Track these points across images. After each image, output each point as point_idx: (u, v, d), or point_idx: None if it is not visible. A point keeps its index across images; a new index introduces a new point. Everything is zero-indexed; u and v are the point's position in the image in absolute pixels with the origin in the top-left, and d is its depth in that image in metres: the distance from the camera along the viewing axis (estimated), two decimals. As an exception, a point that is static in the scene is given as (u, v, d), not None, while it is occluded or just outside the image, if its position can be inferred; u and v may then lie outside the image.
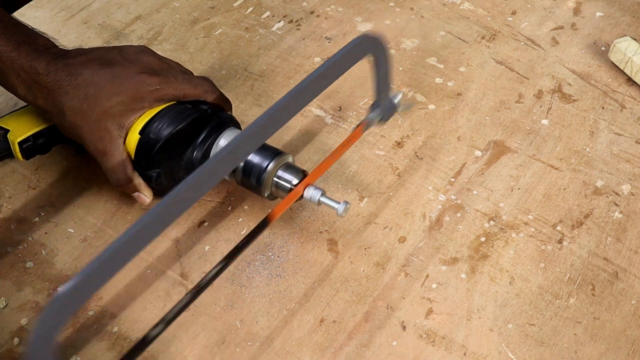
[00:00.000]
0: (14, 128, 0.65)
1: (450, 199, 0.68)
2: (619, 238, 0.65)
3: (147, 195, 0.64)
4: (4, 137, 0.65)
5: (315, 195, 0.60)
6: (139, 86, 0.61)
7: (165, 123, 0.61)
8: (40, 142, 0.66)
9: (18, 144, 0.64)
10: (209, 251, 0.64)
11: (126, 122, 0.61)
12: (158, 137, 0.61)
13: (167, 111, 0.62)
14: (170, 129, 0.61)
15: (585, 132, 0.74)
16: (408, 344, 0.59)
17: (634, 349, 0.58)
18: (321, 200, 0.60)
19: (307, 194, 0.60)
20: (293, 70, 0.80)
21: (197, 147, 0.62)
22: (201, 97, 0.64)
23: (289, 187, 0.61)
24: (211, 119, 0.63)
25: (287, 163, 0.62)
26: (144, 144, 0.61)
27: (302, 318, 0.60)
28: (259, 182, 0.61)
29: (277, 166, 0.61)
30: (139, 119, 0.62)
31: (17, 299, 0.61)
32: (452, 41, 0.83)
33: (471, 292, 0.62)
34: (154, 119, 0.61)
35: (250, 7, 0.87)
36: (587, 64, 0.80)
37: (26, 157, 0.65)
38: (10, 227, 0.66)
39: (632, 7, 0.86)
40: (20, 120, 0.66)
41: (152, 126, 0.61)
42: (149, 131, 0.61)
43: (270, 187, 0.61)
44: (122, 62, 0.62)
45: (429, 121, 0.75)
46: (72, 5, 0.87)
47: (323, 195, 0.60)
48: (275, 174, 0.61)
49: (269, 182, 0.61)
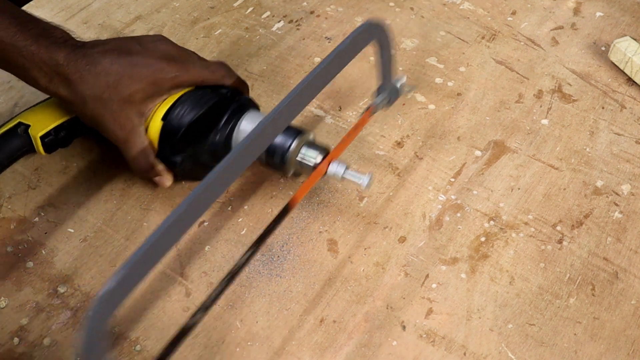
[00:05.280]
0: (34, 123, 0.65)
1: (450, 199, 0.68)
2: (619, 238, 0.65)
3: (168, 179, 0.65)
4: (25, 132, 0.65)
5: (340, 170, 0.61)
6: (158, 73, 0.61)
7: (187, 109, 0.62)
8: (61, 135, 0.66)
9: (40, 138, 0.65)
10: (209, 251, 0.64)
11: (146, 110, 0.62)
12: (181, 123, 0.62)
13: (187, 97, 0.63)
14: (192, 115, 0.62)
15: (585, 132, 0.74)
16: (408, 344, 0.59)
17: (634, 349, 0.58)
18: (345, 175, 0.61)
19: (331, 170, 0.62)
20: (293, 70, 0.80)
21: (220, 131, 0.63)
22: (219, 82, 0.64)
23: (313, 163, 0.62)
24: (231, 102, 0.64)
25: (309, 141, 0.63)
26: (167, 130, 0.62)
27: (302, 318, 0.60)
28: (283, 161, 0.62)
29: (300, 144, 0.62)
30: (160, 106, 0.62)
31: (17, 299, 0.61)
32: (452, 41, 0.83)
33: (471, 292, 0.62)
34: (175, 105, 0.62)
35: (250, 7, 0.87)
36: (587, 64, 0.80)
37: (48, 151, 0.66)
38: (10, 227, 0.66)
39: (632, 7, 0.86)
40: (40, 115, 0.66)
41: (174, 112, 0.62)
42: (171, 117, 0.62)
43: (295, 165, 0.63)
44: (141, 51, 0.62)
45: (429, 121, 0.75)
46: (72, 5, 0.87)
47: (347, 170, 0.61)
48: (298, 151, 0.62)
49: (293, 160, 0.62)
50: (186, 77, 0.62)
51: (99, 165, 0.71)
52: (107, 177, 0.69)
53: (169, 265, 0.63)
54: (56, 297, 0.61)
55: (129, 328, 0.59)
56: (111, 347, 0.41)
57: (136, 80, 0.61)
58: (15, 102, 0.76)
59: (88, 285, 0.62)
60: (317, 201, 0.67)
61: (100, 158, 0.71)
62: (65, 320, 0.59)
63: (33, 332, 0.59)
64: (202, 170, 0.66)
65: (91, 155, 0.71)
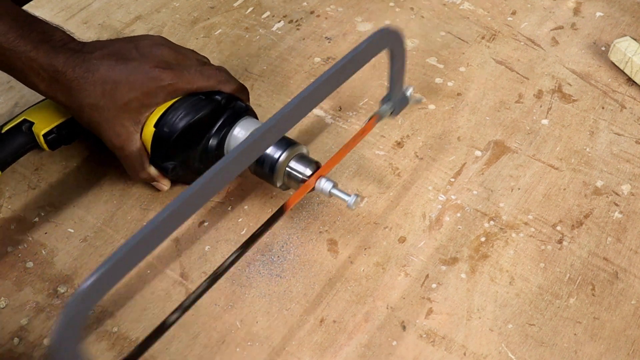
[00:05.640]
0: (38, 120, 0.66)
1: (450, 199, 0.68)
2: (619, 238, 0.65)
3: (164, 184, 0.67)
4: (29, 129, 0.66)
5: (327, 187, 0.61)
6: (153, 82, 0.61)
7: (179, 116, 0.62)
8: (64, 133, 0.67)
9: (43, 136, 0.66)
10: (209, 251, 0.64)
11: (141, 118, 0.63)
12: (172, 131, 0.62)
13: (180, 104, 0.63)
14: (183, 122, 0.62)
15: (585, 132, 0.74)
16: (408, 344, 0.59)
17: (634, 349, 0.58)
18: (332, 192, 0.60)
19: (318, 186, 0.61)
20: (293, 70, 0.80)
21: (212, 138, 0.63)
22: (215, 88, 0.64)
23: (301, 177, 0.61)
24: (225, 109, 0.64)
25: (300, 154, 0.63)
26: (159, 137, 0.62)
27: (302, 318, 0.60)
28: (272, 172, 0.62)
29: (290, 157, 0.62)
30: (154, 113, 0.63)
31: (17, 299, 0.61)
32: (452, 41, 0.83)
33: (471, 292, 0.62)
34: (167, 112, 0.62)
35: (250, 7, 0.87)
36: (587, 64, 0.80)
37: (51, 148, 0.67)
38: (10, 227, 0.66)
39: (632, 7, 0.86)
40: (44, 113, 0.67)
41: (166, 119, 0.62)
42: (162, 124, 0.62)
43: (283, 177, 0.62)
44: (137, 57, 0.62)
45: (429, 121, 0.75)
46: (72, 5, 0.87)
47: (334, 188, 0.60)
48: (287, 164, 0.62)
49: (282, 173, 0.62)
50: (181, 84, 0.62)
51: (98, 166, 0.71)
52: (107, 177, 0.70)
53: (169, 265, 0.63)
54: (56, 297, 0.61)
55: (129, 328, 0.59)
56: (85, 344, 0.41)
57: (132, 88, 0.61)
58: (16, 102, 0.76)
59: (88, 285, 0.62)
60: (317, 201, 0.67)
61: (100, 158, 0.71)
62: (65, 320, 0.59)
63: (33, 332, 0.59)
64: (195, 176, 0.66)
65: (91, 155, 0.71)
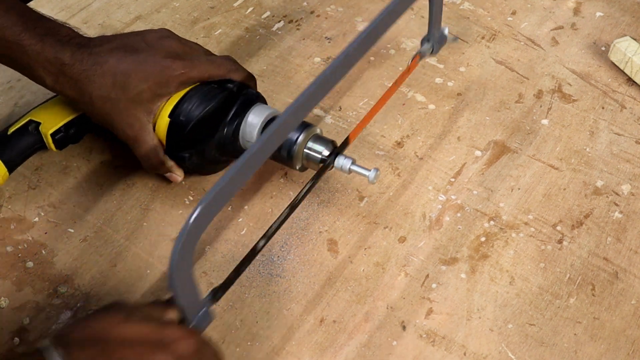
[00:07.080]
0: (45, 120, 0.66)
1: (450, 199, 0.68)
2: (619, 238, 0.65)
3: (179, 174, 0.66)
4: (36, 129, 0.66)
5: (346, 164, 0.62)
6: (165, 71, 0.61)
7: (194, 105, 0.62)
8: (71, 132, 0.67)
9: (50, 135, 0.65)
10: (209, 251, 0.64)
11: (154, 108, 0.62)
12: (188, 119, 0.62)
13: (194, 93, 0.63)
14: (199, 111, 0.62)
15: (585, 132, 0.74)
16: (408, 344, 0.59)
17: (634, 349, 0.58)
18: (352, 168, 0.62)
19: (337, 163, 0.62)
20: (293, 70, 0.80)
21: (227, 125, 0.63)
22: (226, 76, 0.64)
23: (320, 158, 0.62)
24: (238, 96, 0.64)
25: (316, 134, 0.63)
26: (175, 127, 0.63)
27: (302, 318, 0.60)
28: (290, 155, 0.62)
29: (307, 138, 0.62)
30: (167, 103, 0.63)
31: (17, 299, 0.61)
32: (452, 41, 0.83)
33: (471, 292, 0.62)
34: (181, 101, 0.63)
35: (250, 7, 0.87)
36: (587, 64, 0.80)
37: (59, 147, 0.67)
38: (10, 227, 0.66)
39: (632, 7, 0.86)
40: (50, 112, 0.66)
41: (181, 109, 0.62)
42: (178, 114, 0.62)
43: (302, 159, 0.63)
44: (146, 48, 0.62)
45: (429, 121, 0.75)
46: (72, 5, 0.87)
47: (354, 164, 0.62)
48: (305, 145, 0.62)
49: (300, 155, 0.62)
50: (193, 73, 0.62)
51: (98, 165, 0.71)
52: (107, 177, 0.69)
53: (169, 265, 0.63)
54: (56, 297, 0.61)
55: (129, 328, 0.59)
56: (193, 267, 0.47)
57: (143, 79, 0.61)
58: (15, 102, 0.76)
59: (88, 285, 0.62)
60: (317, 201, 0.67)
61: (100, 158, 0.71)
62: (65, 320, 0.59)
63: (33, 332, 0.59)
64: (210, 165, 0.67)
65: (91, 155, 0.71)
